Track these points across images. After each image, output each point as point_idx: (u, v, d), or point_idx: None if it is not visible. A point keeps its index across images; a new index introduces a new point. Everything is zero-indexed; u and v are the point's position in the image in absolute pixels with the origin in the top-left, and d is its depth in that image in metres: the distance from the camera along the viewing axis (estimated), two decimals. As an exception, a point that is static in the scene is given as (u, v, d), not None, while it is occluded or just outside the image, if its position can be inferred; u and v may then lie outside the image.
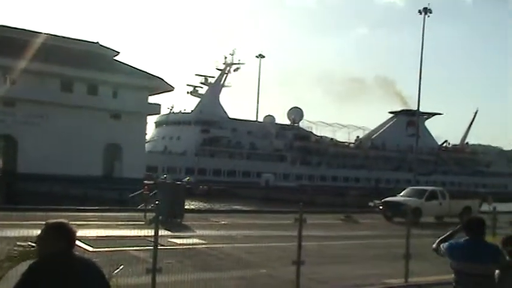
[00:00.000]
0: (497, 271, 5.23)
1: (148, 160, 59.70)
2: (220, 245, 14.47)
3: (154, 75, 54.93)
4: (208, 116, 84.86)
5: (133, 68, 54.19)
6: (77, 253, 3.54)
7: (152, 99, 57.07)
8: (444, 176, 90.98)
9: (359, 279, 11.07)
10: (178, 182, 25.65)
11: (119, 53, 55.92)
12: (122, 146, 51.73)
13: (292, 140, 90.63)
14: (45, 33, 49.88)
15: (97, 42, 54.83)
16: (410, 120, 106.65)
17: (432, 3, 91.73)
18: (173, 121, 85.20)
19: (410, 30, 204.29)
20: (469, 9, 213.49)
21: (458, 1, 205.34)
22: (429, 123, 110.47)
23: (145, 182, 31.56)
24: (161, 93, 58.65)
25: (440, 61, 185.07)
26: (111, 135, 50.27)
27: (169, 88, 57.16)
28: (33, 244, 6.80)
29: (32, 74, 46.26)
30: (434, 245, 5.54)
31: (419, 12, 62.98)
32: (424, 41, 62.92)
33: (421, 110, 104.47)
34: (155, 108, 58.69)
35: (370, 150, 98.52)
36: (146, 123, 58.07)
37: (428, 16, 62.62)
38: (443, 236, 5.59)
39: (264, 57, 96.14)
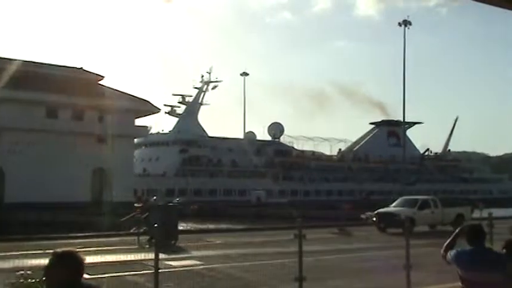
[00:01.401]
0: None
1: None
2: (218, 265, 14.34)
3: (140, 98, 54.86)
4: (187, 135, 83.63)
5: (119, 91, 54.09)
6: (85, 282, 3.49)
7: (138, 121, 56.93)
8: (428, 184, 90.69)
9: (360, 292, 11.01)
10: (170, 204, 25.46)
11: (103, 77, 55.90)
12: (109, 170, 51.35)
13: (272, 156, 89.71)
14: (28, 61, 49.69)
15: (81, 68, 54.74)
16: (392, 130, 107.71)
17: (408, 14, 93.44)
18: (152, 142, 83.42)
19: (386, 42, 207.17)
20: (444, 20, 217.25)
21: (433, 12, 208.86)
22: (410, 133, 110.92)
23: (136, 205, 31.26)
24: (147, 115, 58.48)
25: (418, 71, 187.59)
26: (99, 159, 49.88)
27: (155, 110, 57.10)
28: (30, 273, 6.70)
29: (16, 102, 45.98)
30: (442, 251, 5.54)
31: (399, 24, 64.01)
32: (401, 52, 63.88)
33: (402, 119, 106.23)
34: (142, 131, 58.49)
35: (352, 162, 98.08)
36: (133, 146, 57.80)
37: (408, 28, 63.70)
38: (448, 241, 5.59)
39: (248, 74, 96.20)
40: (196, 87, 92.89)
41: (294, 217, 13.90)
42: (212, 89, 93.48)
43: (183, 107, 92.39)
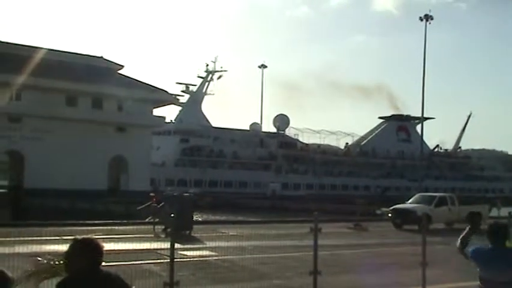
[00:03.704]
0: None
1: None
2: (232, 257, 14.35)
3: (159, 88, 55.10)
4: (188, 125, 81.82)
5: (138, 81, 54.38)
6: (103, 269, 3.52)
7: (156, 111, 57.21)
8: (436, 181, 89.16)
9: (374, 288, 10.97)
10: (186, 194, 25.60)
11: (123, 66, 56.19)
12: (127, 159, 51.79)
13: (276, 148, 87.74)
14: (48, 49, 50.19)
15: (101, 57, 55.11)
16: (401, 125, 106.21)
17: (427, 10, 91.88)
18: (153, 132, 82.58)
19: (403, 37, 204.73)
20: (464, 15, 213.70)
21: (453, 7, 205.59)
22: (424, 129, 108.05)
23: (151, 194, 31.50)
24: (166, 105, 58.68)
25: (434, 67, 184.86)
26: (116, 148, 50.34)
27: (173, 100, 57.27)
28: (53, 259, 6.79)
29: (36, 89, 46.55)
30: (457, 244, 5.49)
31: (420, 19, 63.27)
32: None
33: (412, 114, 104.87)
34: (160, 121, 58.78)
35: (359, 156, 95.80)
36: (151, 136, 58.15)
37: (430, 23, 62.90)
38: (463, 234, 5.54)
39: (266, 67, 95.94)
40: (200, 77, 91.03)
41: (312, 210, 13.85)
42: (218, 78, 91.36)
43: (187, 96, 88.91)
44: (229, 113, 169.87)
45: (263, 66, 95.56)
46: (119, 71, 55.40)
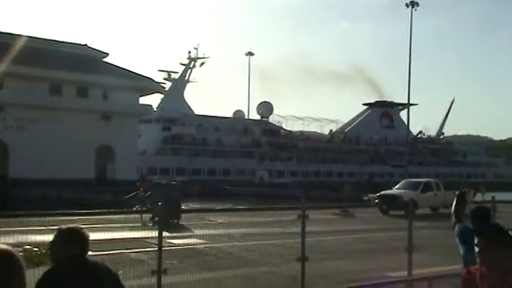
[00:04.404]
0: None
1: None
2: (220, 244, 14.42)
3: (145, 76, 54.68)
4: (170, 112, 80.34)
5: (123, 69, 53.89)
6: (90, 258, 3.50)
7: (143, 100, 56.85)
8: (419, 167, 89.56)
9: (361, 273, 11.07)
10: (174, 182, 25.55)
11: (108, 54, 55.63)
12: (113, 148, 51.46)
13: (260, 136, 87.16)
14: (32, 37, 49.46)
15: (85, 44, 54.46)
16: (385, 111, 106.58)
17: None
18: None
19: (388, 24, 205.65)
20: (450, 1, 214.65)
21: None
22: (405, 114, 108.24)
23: (139, 183, 31.42)
24: (152, 93, 58.28)
25: (417, 53, 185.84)
26: (103, 137, 49.96)
27: (159, 89, 56.90)
28: (36, 249, 6.75)
29: (20, 78, 45.87)
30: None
31: (406, 5, 63.24)
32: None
33: (396, 101, 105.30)
34: (147, 109, 58.42)
35: (343, 143, 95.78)
36: (138, 124, 57.79)
37: (415, 9, 62.88)
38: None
39: (253, 54, 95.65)
40: (182, 64, 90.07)
41: (298, 197, 13.92)
42: (200, 65, 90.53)
43: (169, 84, 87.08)
44: (217, 101, 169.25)
45: (250, 53, 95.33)
46: (104, 59, 54.85)
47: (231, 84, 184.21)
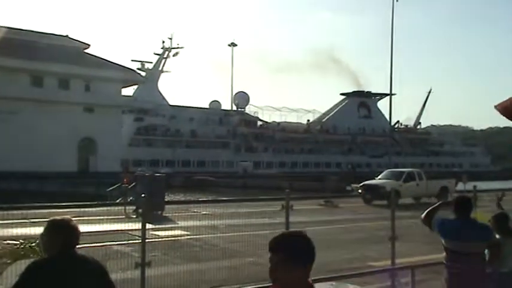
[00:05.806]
0: (486, 249, 5.33)
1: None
2: (204, 236, 14.38)
3: (127, 67, 54.23)
4: (142, 103, 77.18)
5: (105, 60, 53.36)
6: (78, 251, 3.50)
7: (125, 91, 56.39)
8: (397, 157, 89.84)
9: (345, 263, 11.16)
10: (158, 174, 25.41)
11: (89, 45, 55.01)
12: (96, 140, 51.02)
13: (235, 126, 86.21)
14: (13, 28, 48.66)
15: (67, 35, 53.79)
16: (363, 101, 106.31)
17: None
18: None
19: (368, 14, 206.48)
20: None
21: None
22: (383, 105, 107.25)
23: (122, 174, 31.19)
24: (134, 84, 57.80)
25: (396, 43, 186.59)
26: (85, 129, 49.51)
27: (142, 80, 56.48)
28: (23, 242, 6.67)
29: (0, 69, 45.17)
30: (422, 216, 5.59)
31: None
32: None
33: (373, 91, 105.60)
34: (129, 101, 57.98)
35: (320, 133, 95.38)
36: (121, 116, 57.33)
37: (397, 0, 63.02)
38: (430, 209, 5.65)
39: (236, 45, 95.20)
40: (156, 54, 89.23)
41: (282, 188, 13.93)
42: (174, 55, 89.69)
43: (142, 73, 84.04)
44: (197, 92, 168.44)
45: (233, 44, 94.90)
46: (86, 50, 54.22)
47: (212, 76, 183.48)
